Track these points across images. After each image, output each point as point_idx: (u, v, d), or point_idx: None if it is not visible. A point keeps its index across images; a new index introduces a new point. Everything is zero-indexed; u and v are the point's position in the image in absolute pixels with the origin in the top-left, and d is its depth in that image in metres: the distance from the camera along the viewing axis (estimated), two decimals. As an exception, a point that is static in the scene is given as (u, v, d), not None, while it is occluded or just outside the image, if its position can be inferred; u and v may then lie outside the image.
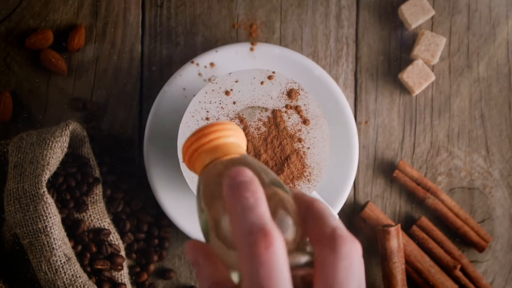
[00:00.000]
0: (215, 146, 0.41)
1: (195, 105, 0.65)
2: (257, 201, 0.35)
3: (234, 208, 0.36)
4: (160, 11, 0.73)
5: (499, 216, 0.73)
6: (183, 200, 0.69)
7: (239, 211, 0.35)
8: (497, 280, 0.73)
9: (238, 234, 0.35)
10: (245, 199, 0.35)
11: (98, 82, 0.73)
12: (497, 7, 0.74)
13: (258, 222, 0.34)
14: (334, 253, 0.35)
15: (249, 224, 0.34)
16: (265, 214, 0.35)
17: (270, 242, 0.34)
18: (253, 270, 0.34)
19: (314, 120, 0.65)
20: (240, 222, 0.35)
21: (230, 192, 0.36)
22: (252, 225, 0.34)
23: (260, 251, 0.33)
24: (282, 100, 0.65)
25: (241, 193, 0.36)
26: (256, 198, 0.36)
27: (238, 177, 0.37)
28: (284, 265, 0.34)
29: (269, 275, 0.33)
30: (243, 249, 0.34)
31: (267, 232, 0.34)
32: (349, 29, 0.73)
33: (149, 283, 0.71)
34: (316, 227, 0.37)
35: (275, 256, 0.34)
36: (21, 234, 0.62)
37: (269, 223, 0.35)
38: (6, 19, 0.72)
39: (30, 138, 0.65)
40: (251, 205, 0.35)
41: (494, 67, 0.74)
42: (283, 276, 0.34)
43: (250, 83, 0.65)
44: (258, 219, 0.35)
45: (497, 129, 0.74)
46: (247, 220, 0.35)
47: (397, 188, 0.73)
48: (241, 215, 0.35)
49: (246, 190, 0.36)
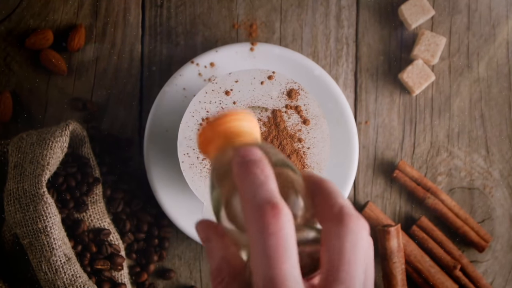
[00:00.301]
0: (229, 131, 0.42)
1: (195, 105, 0.65)
2: (266, 177, 0.36)
3: (243, 186, 0.36)
4: (160, 11, 0.73)
5: (499, 216, 0.73)
6: (183, 200, 0.69)
7: (248, 187, 0.36)
8: (497, 280, 0.73)
9: (247, 209, 0.36)
10: (254, 175, 0.36)
11: (98, 82, 0.73)
12: (497, 7, 0.74)
13: (266, 195, 0.35)
14: (341, 230, 0.36)
15: (258, 198, 0.35)
16: (273, 189, 0.36)
17: (277, 213, 0.34)
18: (260, 240, 0.34)
19: (314, 120, 0.65)
20: (249, 197, 0.36)
21: (240, 169, 0.37)
22: (261, 199, 0.35)
23: (268, 221, 0.34)
24: (282, 100, 0.65)
25: (250, 170, 0.37)
26: (265, 175, 0.36)
27: (248, 155, 0.37)
28: (291, 236, 0.35)
29: (276, 245, 0.34)
30: (252, 222, 0.35)
31: (275, 204, 0.35)
32: (349, 29, 0.73)
33: (149, 283, 0.71)
34: (324, 205, 0.38)
35: (282, 226, 0.34)
36: (21, 234, 0.62)
37: (277, 197, 0.35)
38: (6, 19, 0.72)
39: (30, 138, 0.65)
40: (260, 181, 0.36)
41: (494, 67, 0.74)
42: (289, 246, 0.34)
43: (250, 83, 0.65)
44: (267, 193, 0.35)
45: (497, 129, 0.74)
46: (256, 194, 0.35)
47: (397, 188, 0.73)
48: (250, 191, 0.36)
49: (255, 167, 0.37)
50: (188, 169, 0.64)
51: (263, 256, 0.34)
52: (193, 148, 0.64)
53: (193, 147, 0.64)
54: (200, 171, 0.64)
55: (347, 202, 0.37)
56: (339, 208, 0.37)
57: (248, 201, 0.36)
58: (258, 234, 0.34)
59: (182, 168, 0.64)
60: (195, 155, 0.64)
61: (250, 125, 0.43)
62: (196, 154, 0.64)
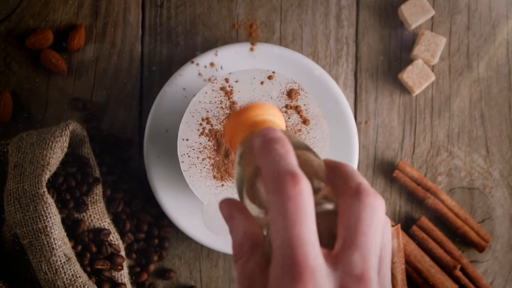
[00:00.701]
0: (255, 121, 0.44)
1: (195, 105, 0.65)
2: (286, 152, 0.38)
3: (264, 160, 0.38)
4: (160, 11, 0.73)
5: (499, 216, 0.73)
6: (183, 200, 0.69)
7: (269, 161, 0.37)
8: (497, 280, 0.73)
9: (268, 181, 0.37)
10: (275, 150, 0.38)
11: (98, 82, 0.73)
12: (497, 7, 0.74)
13: (287, 167, 0.36)
14: (358, 203, 0.37)
15: (278, 169, 0.36)
16: (293, 162, 0.37)
17: (297, 181, 0.36)
18: (279, 204, 0.35)
19: (314, 120, 0.65)
20: (270, 170, 0.37)
21: (262, 145, 0.39)
22: (281, 170, 0.36)
23: (287, 189, 0.35)
24: (282, 100, 0.65)
25: (271, 145, 0.38)
26: (285, 150, 0.38)
27: (269, 134, 0.39)
28: (310, 203, 0.36)
29: (295, 208, 0.35)
30: (272, 191, 0.36)
31: (294, 174, 0.36)
32: (349, 29, 0.73)
33: (149, 283, 0.71)
34: (343, 183, 0.39)
35: (301, 193, 0.35)
36: (21, 234, 0.62)
37: (297, 169, 0.37)
38: (6, 19, 0.72)
39: (30, 138, 0.65)
40: (281, 155, 0.37)
41: (494, 67, 0.74)
42: (308, 211, 0.35)
43: (250, 83, 0.65)
44: (287, 165, 0.37)
45: (497, 129, 0.74)
46: (277, 167, 0.37)
47: (397, 188, 0.73)
48: (272, 163, 0.37)
49: (275, 143, 0.38)
50: (188, 169, 0.64)
51: (281, 219, 0.35)
52: (193, 148, 0.64)
53: (193, 147, 0.64)
54: (200, 171, 0.64)
55: (365, 181, 0.39)
56: (356, 184, 0.38)
57: (269, 174, 0.37)
58: (278, 200, 0.36)
59: (182, 168, 0.64)
60: (195, 155, 0.64)
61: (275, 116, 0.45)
62: (196, 154, 0.64)
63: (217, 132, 0.64)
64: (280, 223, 0.35)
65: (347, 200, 0.37)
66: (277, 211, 0.36)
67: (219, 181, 0.64)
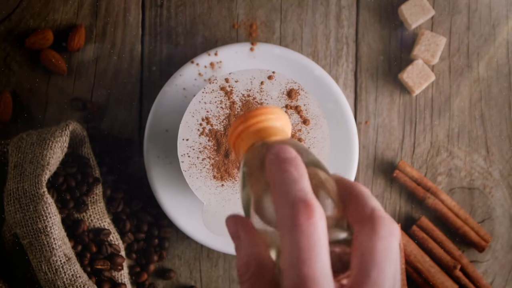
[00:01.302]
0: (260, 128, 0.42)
1: (195, 105, 0.65)
2: (300, 175, 0.36)
3: (276, 182, 0.36)
4: (160, 11, 0.73)
5: (499, 216, 0.73)
6: (183, 200, 0.69)
7: (281, 184, 0.36)
8: (497, 280, 0.73)
9: (280, 206, 0.35)
10: (288, 173, 0.36)
11: (98, 82, 0.73)
12: (497, 7, 0.74)
13: (300, 194, 0.35)
14: (373, 233, 0.36)
15: (291, 196, 0.35)
16: (307, 187, 0.36)
17: (311, 213, 0.34)
18: (293, 239, 0.34)
19: (314, 120, 0.65)
20: (282, 194, 0.35)
21: (274, 167, 0.37)
22: (295, 197, 0.35)
23: (301, 221, 0.34)
24: (282, 100, 0.65)
25: (284, 167, 0.36)
26: (299, 173, 0.36)
27: (282, 153, 0.37)
28: (324, 237, 0.34)
29: (309, 245, 0.34)
30: (284, 220, 0.35)
31: (309, 203, 0.34)
32: (349, 29, 0.73)
33: (149, 283, 0.71)
34: (356, 207, 0.37)
35: (315, 226, 0.34)
36: (21, 234, 0.62)
37: (311, 195, 0.35)
38: (6, 19, 0.72)
39: (30, 138, 0.65)
40: (294, 178, 0.36)
41: (494, 67, 0.74)
42: (322, 245, 0.34)
43: (250, 83, 0.65)
44: (300, 191, 0.35)
45: (497, 129, 0.74)
46: (289, 192, 0.35)
47: (397, 188, 0.73)
48: (284, 188, 0.36)
49: (289, 165, 0.37)
50: (188, 169, 0.64)
51: (295, 254, 0.34)
52: (193, 148, 0.64)
53: (193, 147, 0.64)
54: (200, 171, 0.64)
55: (378, 204, 0.37)
56: (370, 210, 0.37)
57: (281, 199, 0.35)
58: (291, 232, 0.34)
59: (182, 168, 0.64)
60: (195, 155, 0.64)
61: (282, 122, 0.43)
62: (196, 154, 0.64)
63: (217, 132, 0.64)
64: (292, 259, 0.34)
65: (362, 229, 0.36)
66: (289, 245, 0.34)
67: (219, 181, 0.64)
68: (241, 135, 0.42)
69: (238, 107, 0.65)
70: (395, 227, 0.36)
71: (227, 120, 0.65)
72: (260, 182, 0.39)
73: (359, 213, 0.37)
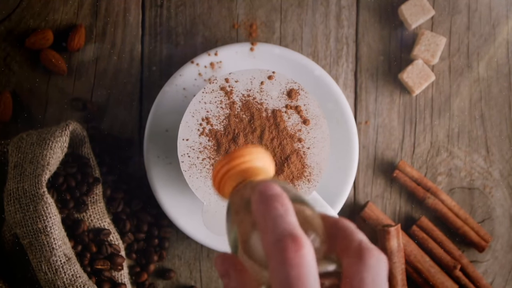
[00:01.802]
0: (244, 169, 0.42)
1: (195, 105, 0.65)
2: (286, 210, 0.36)
3: (263, 219, 0.36)
4: (160, 11, 0.73)
5: (499, 216, 0.73)
6: (183, 200, 0.69)
7: (268, 220, 0.36)
8: (497, 280, 0.73)
9: (268, 241, 0.36)
10: (275, 209, 0.36)
11: (98, 82, 0.73)
12: (497, 7, 0.74)
13: (288, 228, 0.35)
14: (361, 263, 0.36)
15: (279, 230, 0.35)
16: (294, 222, 0.36)
17: (299, 245, 0.34)
18: (283, 273, 0.34)
19: (314, 120, 0.65)
20: (270, 230, 0.36)
21: (260, 204, 0.37)
22: (282, 231, 0.35)
23: (290, 255, 0.34)
24: (282, 100, 0.65)
25: (271, 204, 0.37)
26: (285, 208, 0.36)
27: (267, 190, 0.38)
28: (313, 269, 0.35)
29: (299, 276, 0.34)
30: (273, 255, 0.35)
31: (296, 236, 0.35)
32: (349, 29, 0.73)
33: (149, 283, 0.71)
34: (343, 240, 0.38)
35: (305, 258, 0.34)
36: (21, 234, 0.62)
37: (298, 229, 0.35)
38: (6, 19, 0.72)
39: (30, 138, 0.65)
40: (280, 214, 0.36)
41: (494, 67, 0.74)
42: (312, 278, 0.35)
43: (250, 83, 0.65)
44: (288, 225, 0.35)
45: (497, 129, 0.74)
46: (276, 227, 0.36)
47: (397, 188, 0.73)
48: (270, 223, 0.36)
49: (275, 201, 0.37)
50: (188, 169, 0.64)
51: (286, 287, 0.34)
52: (193, 148, 0.64)
53: (193, 147, 0.64)
54: (200, 171, 0.64)
55: (365, 238, 0.38)
56: (358, 242, 0.37)
57: (268, 235, 0.36)
58: (280, 267, 0.34)
59: (182, 168, 0.64)
60: (195, 155, 0.64)
61: (265, 162, 0.43)
62: (196, 154, 0.64)
63: (217, 132, 0.64)
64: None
65: (350, 262, 0.37)
66: (279, 280, 0.34)
67: (219, 181, 0.64)
68: (224, 177, 0.42)
69: (238, 107, 0.65)
70: (383, 258, 0.37)
71: (227, 120, 0.65)
72: (247, 221, 0.39)
73: (347, 246, 0.37)
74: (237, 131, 0.64)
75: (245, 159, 0.42)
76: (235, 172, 0.42)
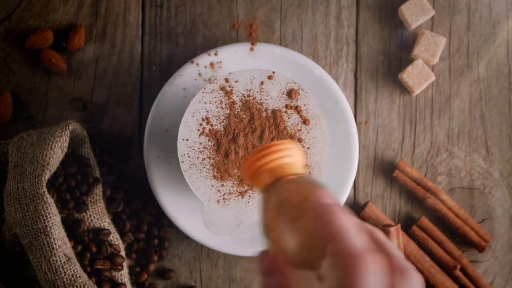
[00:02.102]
0: (277, 166, 0.44)
1: (195, 105, 0.65)
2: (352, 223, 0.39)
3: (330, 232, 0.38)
4: (160, 11, 0.73)
5: (499, 216, 0.73)
6: (183, 200, 0.69)
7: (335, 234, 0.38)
8: (497, 280, 0.73)
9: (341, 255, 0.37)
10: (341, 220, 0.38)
11: (98, 82, 0.73)
12: (497, 7, 0.74)
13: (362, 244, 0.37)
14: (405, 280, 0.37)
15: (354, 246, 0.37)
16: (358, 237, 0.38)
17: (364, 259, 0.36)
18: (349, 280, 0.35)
19: (314, 120, 0.65)
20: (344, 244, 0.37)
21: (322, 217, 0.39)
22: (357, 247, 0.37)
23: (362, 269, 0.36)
24: (282, 100, 0.65)
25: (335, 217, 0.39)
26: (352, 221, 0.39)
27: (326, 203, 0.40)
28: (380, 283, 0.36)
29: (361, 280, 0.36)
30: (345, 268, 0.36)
31: (372, 253, 0.37)
32: (349, 29, 0.73)
33: (149, 283, 0.71)
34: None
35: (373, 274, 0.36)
36: (21, 234, 0.62)
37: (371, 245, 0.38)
38: (6, 19, 0.72)
39: (30, 138, 0.65)
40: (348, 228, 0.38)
41: (494, 67, 0.74)
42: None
43: (250, 83, 0.65)
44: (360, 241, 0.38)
45: (497, 129, 0.74)
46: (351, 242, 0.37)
47: (397, 188, 0.73)
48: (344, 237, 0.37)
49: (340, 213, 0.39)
50: (188, 169, 0.64)
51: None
52: (193, 148, 0.64)
53: (193, 147, 0.64)
54: (200, 171, 0.64)
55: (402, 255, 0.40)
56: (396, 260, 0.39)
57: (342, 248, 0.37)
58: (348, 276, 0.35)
59: (182, 168, 0.64)
60: (195, 155, 0.64)
61: (297, 156, 0.44)
62: (196, 154, 0.64)
63: (217, 132, 0.64)
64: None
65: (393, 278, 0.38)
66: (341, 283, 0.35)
67: (219, 181, 0.64)
68: (257, 172, 0.44)
69: (238, 107, 0.65)
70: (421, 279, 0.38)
71: (227, 120, 0.65)
72: (283, 221, 0.40)
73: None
74: (237, 131, 0.64)
75: (278, 155, 0.43)
76: (267, 168, 0.43)
